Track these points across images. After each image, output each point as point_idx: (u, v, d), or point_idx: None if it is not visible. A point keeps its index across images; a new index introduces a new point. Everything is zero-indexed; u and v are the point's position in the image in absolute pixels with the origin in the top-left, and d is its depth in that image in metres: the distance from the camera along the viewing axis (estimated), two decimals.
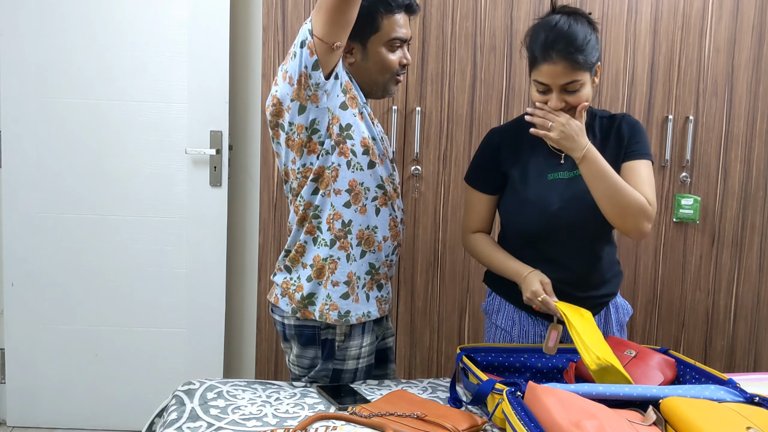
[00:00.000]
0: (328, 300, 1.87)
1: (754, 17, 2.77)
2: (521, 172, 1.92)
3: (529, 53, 1.82)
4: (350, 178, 1.85)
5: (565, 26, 1.76)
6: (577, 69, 1.75)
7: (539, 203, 1.88)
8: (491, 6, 2.70)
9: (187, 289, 2.99)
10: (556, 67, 1.75)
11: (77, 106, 2.91)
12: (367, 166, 1.86)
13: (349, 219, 1.86)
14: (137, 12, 2.87)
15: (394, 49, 1.86)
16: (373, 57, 1.86)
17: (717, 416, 1.44)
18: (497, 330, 2.04)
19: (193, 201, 2.95)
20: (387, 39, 1.84)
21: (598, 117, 1.95)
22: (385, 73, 1.88)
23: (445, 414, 1.60)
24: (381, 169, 1.90)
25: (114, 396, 3.03)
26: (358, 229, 1.87)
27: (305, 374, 1.95)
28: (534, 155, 1.92)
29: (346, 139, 1.83)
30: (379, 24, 1.83)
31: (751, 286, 2.91)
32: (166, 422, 1.64)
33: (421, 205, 2.78)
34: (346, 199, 1.85)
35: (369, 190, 1.88)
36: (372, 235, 1.90)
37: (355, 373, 1.94)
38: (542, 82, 1.79)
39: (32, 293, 2.98)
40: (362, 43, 1.85)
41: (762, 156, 2.85)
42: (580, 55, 1.74)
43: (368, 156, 1.87)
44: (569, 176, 1.89)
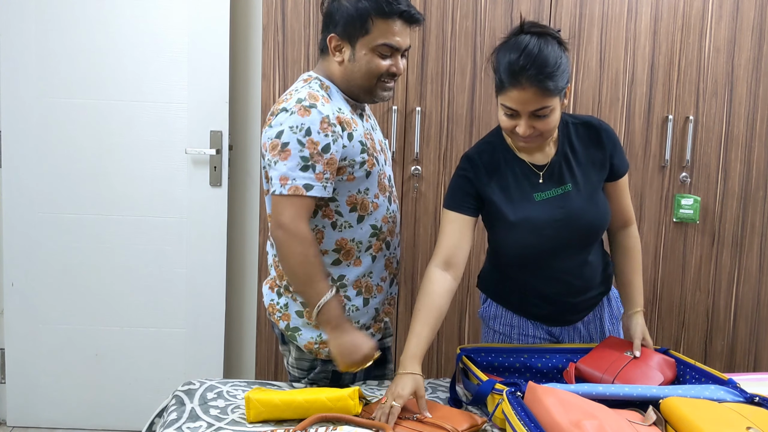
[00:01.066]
0: (319, 339, 1.88)
1: (754, 17, 2.77)
2: (504, 195, 1.84)
3: (496, 75, 1.74)
4: (337, 238, 1.85)
5: (535, 50, 1.66)
6: (548, 95, 1.67)
7: (532, 228, 1.81)
8: (491, 6, 2.70)
9: (187, 289, 2.99)
10: (526, 93, 1.67)
11: (77, 106, 2.91)
12: (356, 222, 1.85)
13: (339, 275, 1.87)
14: (137, 12, 2.87)
15: (382, 56, 1.80)
16: (359, 60, 1.81)
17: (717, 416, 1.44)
18: (495, 335, 2.02)
19: (193, 201, 2.95)
20: (375, 44, 1.79)
21: (570, 124, 1.88)
22: (370, 78, 1.82)
23: (444, 415, 1.61)
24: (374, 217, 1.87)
25: (114, 396, 3.03)
26: (355, 280, 1.89)
27: (305, 376, 1.95)
28: (512, 174, 1.84)
29: (329, 203, 1.82)
30: (370, 27, 1.78)
31: (751, 286, 2.91)
32: (166, 422, 1.64)
33: (421, 205, 2.78)
34: (334, 258, 1.86)
35: (362, 243, 1.88)
36: (369, 281, 1.92)
37: (354, 374, 1.93)
38: (510, 107, 1.71)
39: (32, 293, 2.98)
40: (351, 43, 1.81)
41: (762, 156, 2.84)
42: (551, 82, 1.66)
43: (356, 212, 1.85)
44: (558, 193, 1.83)
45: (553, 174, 1.83)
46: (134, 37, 2.88)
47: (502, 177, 1.84)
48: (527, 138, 1.74)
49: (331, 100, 1.81)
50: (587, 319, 1.99)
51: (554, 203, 1.82)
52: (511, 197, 1.82)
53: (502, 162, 1.85)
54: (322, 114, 1.74)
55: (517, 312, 1.98)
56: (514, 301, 1.97)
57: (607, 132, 1.87)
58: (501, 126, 1.79)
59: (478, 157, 1.87)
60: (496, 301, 2.01)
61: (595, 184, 1.85)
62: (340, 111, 1.81)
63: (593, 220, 1.84)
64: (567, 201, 1.82)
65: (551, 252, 1.84)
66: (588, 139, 1.87)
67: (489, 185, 1.84)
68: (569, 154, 1.85)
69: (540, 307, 1.94)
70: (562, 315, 1.96)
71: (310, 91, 1.79)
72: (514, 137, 1.77)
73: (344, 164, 1.79)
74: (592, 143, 1.86)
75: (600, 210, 1.85)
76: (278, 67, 2.71)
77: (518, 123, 1.72)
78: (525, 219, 1.80)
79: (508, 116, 1.74)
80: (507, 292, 1.98)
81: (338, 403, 1.61)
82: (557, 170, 1.84)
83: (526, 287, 1.92)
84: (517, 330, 1.99)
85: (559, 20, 2.70)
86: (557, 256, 1.85)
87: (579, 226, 1.82)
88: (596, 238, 1.91)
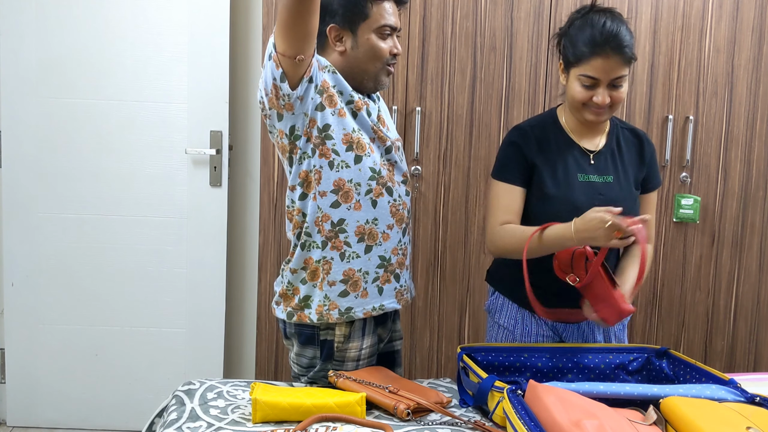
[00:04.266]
0: (326, 300, 1.87)
1: (754, 17, 2.77)
2: (549, 169, 1.91)
3: (573, 50, 1.84)
4: (335, 178, 1.84)
5: (615, 24, 1.81)
6: (627, 64, 1.81)
7: (567, 203, 1.87)
8: (491, 6, 2.70)
9: (187, 289, 2.99)
10: (610, 61, 1.79)
11: (77, 106, 2.91)
12: (353, 162, 1.84)
13: (339, 218, 1.85)
14: (137, 12, 2.87)
15: (384, 37, 1.85)
16: (363, 45, 1.85)
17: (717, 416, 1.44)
18: (500, 329, 2.04)
19: (193, 201, 2.95)
20: (377, 26, 1.83)
21: (620, 126, 2.00)
22: (376, 61, 1.86)
23: (414, 389, 1.74)
24: (372, 159, 1.86)
25: (114, 396, 3.03)
26: (356, 225, 1.86)
27: (304, 373, 1.95)
28: (562, 154, 1.92)
29: (325, 140, 1.82)
30: (369, 11, 1.82)
31: (751, 286, 2.91)
32: (166, 422, 1.64)
33: (421, 205, 2.78)
34: (333, 199, 1.84)
35: (360, 185, 1.85)
36: (374, 228, 1.87)
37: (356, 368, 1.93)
38: (591, 76, 1.81)
39: (32, 293, 2.98)
40: (352, 30, 1.84)
41: (762, 156, 2.85)
42: (629, 51, 1.81)
43: (353, 151, 1.84)
44: (600, 181, 1.91)
45: (600, 162, 1.93)
46: (134, 37, 2.88)
47: (551, 151, 1.92)
48: (602, 108, 1.83)
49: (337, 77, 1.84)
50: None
51: (595, 188, 1.90)
52: (555, 172, 1.90)
53: (552, 138, 1.94)
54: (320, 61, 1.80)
55: (522, 305, 1.99)
56: (522, 294, 1.97)
57: (649, 144, 2.00)
58: (574, 99, 1.85)
59: (530, 129, 1.96)
60: (504, 294, 2.03)
61: (632, 184, 1.95)
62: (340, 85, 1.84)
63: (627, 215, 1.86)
64: (608, 190, 1.90)
65: None
66: (632, 143, 1.98)
67: (537, 155, 1.91)
68: (615, 150, 1.95)
69: (547, 301, 1.94)
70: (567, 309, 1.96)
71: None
72: (586, 111, 1.85)
73: (334, 97, 1.81)
74: (635, 148, 1.98)
75: (634, 208, 1.93)
76: None
77: (596, 93, 1.82)
78: (565, 196, 1.88)
79: (586, 87, 1.83)
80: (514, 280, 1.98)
81: (346, 409, 1.63)
82: (604, 159, 1.93)
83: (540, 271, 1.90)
84: (521, 326, 1.99)
85: (559, 20, 2.70)
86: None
87: None
88: None
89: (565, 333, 1.99)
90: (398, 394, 1.70)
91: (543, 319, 1.98)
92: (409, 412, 1.64)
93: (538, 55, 2.73)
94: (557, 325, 1.99)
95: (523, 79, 2.74)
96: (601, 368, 1.86)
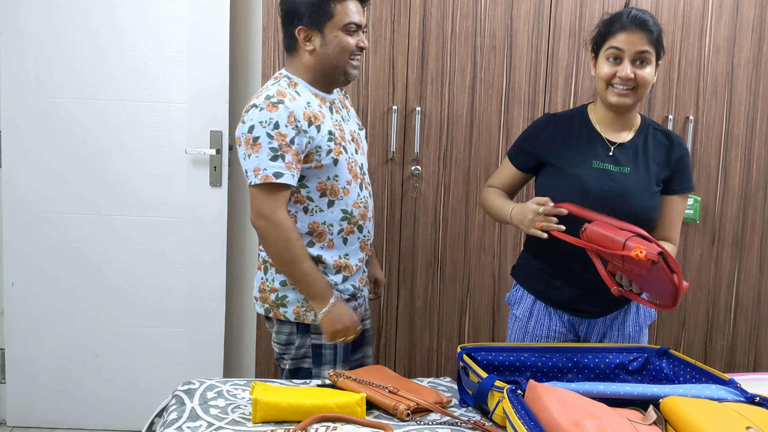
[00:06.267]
0: (305, 302, 2.04)
1: (754, 17, 2.77)
2: (566, 151, 1.98)
3: (602, 29, 1.95)
4: (309, 222, 2.03)
5: (640, 12, 1.91)
6: (651, 42, 1.89)
7: (578, 185, 1.93)
8: (491, 6, 2.70)
9: (187, 288, 2.99)
10: (634, 35, 1.88)
11: (77, 106, 2.91)
12: (327, 206, 2.03)
13: (317, 255, 2.03)
14: (137, 12, 2.87)
15: (350, 33, 2.00)
16: (331, 41, 1.99)
17: (717, 416, 1.44)
18: (515, 320, 2.10)
19: (193, 201, 2.95)
20: (342, 24, 1.98)
21: (652, 126, 2.03)
22: (343, 55, 2.01)
23: (414, 389, 1.75)
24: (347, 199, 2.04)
25: (114, 396, 3.03)
26: (333, 261, 2.05)
27: (284, 351, 2.06)
28: (582, 142, 1.99)
29: (299, 189, 2.01)
30: (333, 10, 1.97)
31: (751, 285, 2.91)
32: (166, 422, 1.64)
33: (421, 205, 2.78)
34: (308, 240, 2.03)
35: (332, 226, 2.04)
36: (348, 262, 2.08)
37: (335, 348, 2.06)
38: (618, 47, 1.89)
39: (32, 293, 2.98)
40: (320, 30, 1.99)
41: (762, 156, 2.84)
42: (655, 30, 1.90)
43: (326, 197, 2.02)
44: (616, 170, 1.94)
45: (620, 154, 1.97)
46: (134, 37, 2.88)
47: (569, 138, 2.00)
48: (625, 86, 1.90)
49: (300, 96, 1.99)
50: (609, 318, 2.03)
51: (608, 176, 1.94)
52: (570, 155, 1.98)
53: (576, 127, 2.02)
54: (288, 109, 1.92)
55: (539, 297, 2.04)
56: (539, 287, 2.04)
57: (680, 147, 2.02)
58: (600, 77, 1.94)
59: (555, 118, 2.08)
60: (523, 285, 2.09)
61: (652, 179, 1.96)
62: (309, 105, 1.98)
63: (640, 206, 1.93)
64: (621, 179, 1.94)
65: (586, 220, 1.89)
66: (662, 144, 2.01)
67: (552, 143, 2.01)
68: (640, 146, 1.99)
69: (563, 292, 2.00)
70: (585, 303, 1.99)
71: (279, 89, 1.97)
72: (611, 90, 1.92)
73: (312, 153, 1.97)
74: (664, 148, 2.00)
75: (649, 202, 1.95)
76: (278, 67, 2.71)
77: (620, 68, 1.89)
78: (576, 176, 1.94)
79: (612, 60, 1.91)
80: (535, 273, 2.04)
81: (346, 410, 1.63)
82: (625, 152, 1.97)
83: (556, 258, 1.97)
84: (535, 319, 2.03)
85: (559, 20, 2.71)
86: None
87: (625, 205, 1.91)
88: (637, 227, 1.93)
89: (581, 328, 2.02)
90: (398, 394, 1.70)
91: (558, 314, 2.02)
92: (409, 412, 1.64)
93: (538, 55, 2.73)
94: (574, 320, 2.03)
95: (523, 79, 2.74)
96: (601, 368, 1.86)
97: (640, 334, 2.07)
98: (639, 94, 1.93)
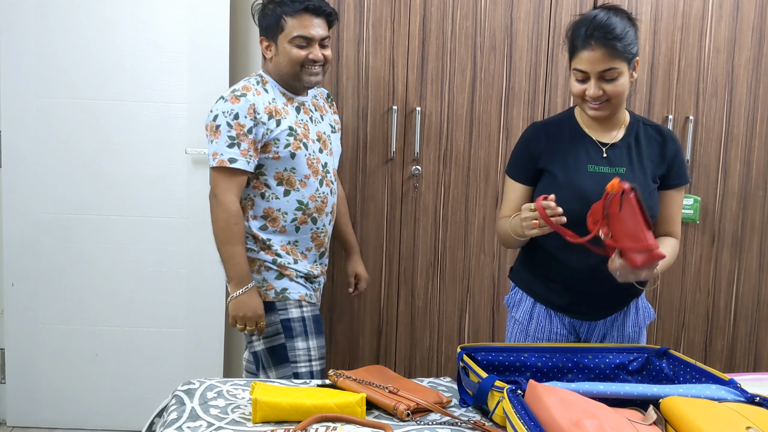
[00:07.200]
0: (263, 283, 2.24)
1: (754, 17, 2.77)
2: (560, 160, 1.95)
3: (569, 45, 1.90)
4: (265, 207, 2.23)
5: (604, 17, 1.84)
6: (616, 57, 1.82)
7: (575, 191, 1.90)
8: (491, 6, 2.70)
9: (187, 289, 2.99)
10: (595, 53, 1.82)
11: (77, 106, 2.91)
12: (282, 195, 2.23)
13: (267, 238, 2.24)
14: (137, 12, 2.87)
15: (300, 46, 2.19)
16: (281, 52, 2.21)
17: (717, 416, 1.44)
18: (515, 323, 2.09)
19: (193, 201, 2.95)
20: (290, 37, 2.18)
21: (642, 123, 2.01)
22: (294, 65, 2.20)
23: (414, 389, 1.75)
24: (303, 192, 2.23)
25: (114, 396, 3.03)
26: (281, 245, 2.25)
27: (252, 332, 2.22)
28: (574, 147, 1.96)
29: (258, 176, 2.21)
30: (284, 24, 2.18)
31: (751, 286, 2.91)
32: (166, 422, 1.64)
33: (421, 205, 2.78)
34: (262, 223, 2.24)
35: (287, 214, 2.24)
36: (294, 248, 2.27)
37: (303, 321, 2.24)
38: (581, 70, 1.85)
39: (32, 293, 2.98)
40: (274, 41, 2.22)
41: (762, 156, 2.84)
42: (618, 43, 1.81)
43: (282, 186, 2.22)
44: (612, 171, 1.93)
45: (614, 154, 1.95)
46: (134, 37, 2.88)
47: (562, 144, 1.98)
48: (596, 102, 1.87)
49: (266, 92, 2.21)
50: (609, 320, 2.02)
51: (605, 179, 1.89)
52: (566, 162, 1.95)
53: (566, 133, 1.99)
54: (249, 101, 2.15)
55: (539, 300, 2.03)
56: (539, 289, 2.03)
57: (673, 142, 2.00)
58: (573, 94, 1.92)
59: (543, 125, 2.06)
60: (522, 288, 2.08)
61: (649, 177, 1.95)
62: (273, 101, 2.21)
63: None
64: None
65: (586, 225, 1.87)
66: (654, 140, 1.99)
67: (546, 148, 1.98)
68: (633, 144, 1.97)
69: (562, 296, 1.99)
70: (583, 306, 1.99)
71: (246, 84, 2.21)
72: (585, 106, 1.90)
73: (270, 144, 2.18)
74: (657, 144, 1.98)
75: (648, 200, 1.91)
76: None
77: (588, 86, 1.86)
78: (573, 184, 1.91)
79: (579, 81, 1.88)
80: (533, 276, 2.04)
81: (346, 410, 1.63)
82: (618, 152, 1.95)
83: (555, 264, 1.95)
84: (535, 322, 2.02)
85: (559, 20, 2.70)
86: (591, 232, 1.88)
87: None
88: None
89: (581, 330, 2.02)
90: (398, 394, 1.70)
91: (559, 317, 2.01)
92: (409, 412, 1.64)
93: (538, 55, 2.73)
94: (575, 322, 2.02)
95: (523, 79, 2.74)
96: (601, 368, 1.86)
97: (639, 335, 2.07)
98: (615, 104, 1.89)
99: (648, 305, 2.10)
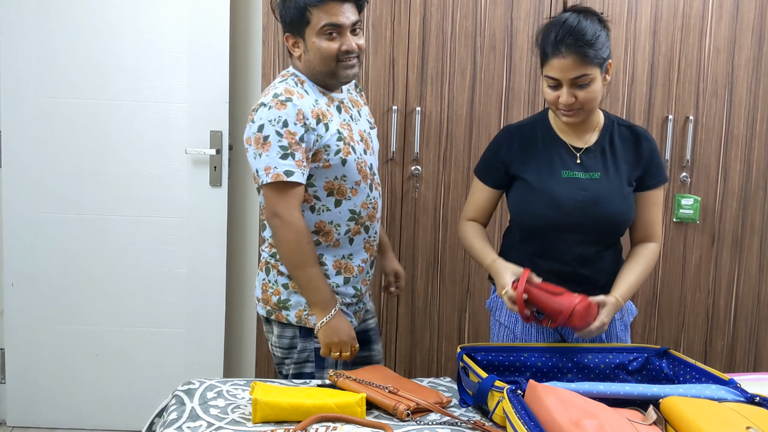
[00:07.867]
0: (307, 306, 2.00)
1: (754, 17, 2.77)
2: (534, 165, 1.92)
3: (540, 51, 1.86)
4: (316, 220, 2.00)
5: (574, 22, 1.79)
6: (587, 63, 1.78)
7: (549, 198, 1.88)
8: (491, 6, 2.70)
9: (187, 289, 2.99)
10: (566, 60, 1.78)
11: (77, 106, 2.91)
12: (334, 206, 2.00)
13: (319, 254, 2.00)
14: (137, 12, 2.87)
15: (330, 38, 1.93)
16: (311, 48, 1.95)
17: (717, 416, 1.44)
18: (501, 327, 2.05)
19: (193, 201, 2.95)
20: (318, 28, 1.92)
21: (617, 123, 1.97)
22: (327, 61, 1.95)
23: (414, 389, 1.75)
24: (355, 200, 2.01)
25: (114, 396, 3.03)
26: (334, 261, 2.03)
27: (286, 356, 2.03)
28: (548, 152, 1.93)
29: (307, 188, 1.97)
30: (309, 16, 1.92)
31: (751, 286, 2.91)
32: (166, 422, 1.64)
33: (421, 205, 2.78)
34: (315, 239, 2.00)
35: (339, 226, 2.01)
36: (349, 263, 2.05)
37: None
38: (552, 77, 1.81)
39: (32, 293, 2.98)
40: (301, 36, 1.96)
41: (762, 156, 2.85)
42: (590, 50, 1.77)
43: (333, 196, 1.99)
44: (586, 177, 1.90)
45: (587, 159, 1.92)
46: (134, 37, 2.88)
47: (535, 149, 1.94)
48: (569, 109, 1.83)
49: (308, 94, 1.97)
50: None
51: (579, 184, 1.89)
52: (539, 168, 1.92)
53: (540, 137, 1.95)
54: (297, 107, 1.90)
55: None
56: None
57: (648, 141, 1.96)
58: (546, 100, 1.88)
59: (517, 129, 2.01)
60: None
61: (624, 181, 1.92)
62: (317, 103, 1.96)
63: (614, 211, 1.89)
64: (592, 186, 1.89)
65: (566, 231, 1.88)
66: (629, 140, 1.95)
67: (519, 154, 1.94)
68: (607, 147, 1.93)
69: None
70: None
71: (286, 87, 1.94)
72: (558, 112, 1.87)
73: (320, 152, 1.94)
74: (632, 145, 1.94)
75: (623, 205, 1.91)
76: (278, 67, 2.71)
77: (560, 93, 1.81)
78: (546, 190, 1.89)
79: (551, 88, 1.84)
80: None
81: (346, 410, 1.63)
82: (593, 157, 1.92)
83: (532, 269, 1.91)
84: (521, 324, 1.99)
85: None
86: (571, 237, 1.89)
87: (598, 213, 1.87)
88: (613, 232, 1.93)
89: (565, 333, 2.00)
90: (398, 394, 1.70)
91: None
92: (409, 412, 1.64)
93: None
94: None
95: (523, 79, 2.74)
96: (601, 368, 1.86)
97: (625, 332, 2.06)
98: (588, 110, 1.85)
99: (630, 303, 2.08)
